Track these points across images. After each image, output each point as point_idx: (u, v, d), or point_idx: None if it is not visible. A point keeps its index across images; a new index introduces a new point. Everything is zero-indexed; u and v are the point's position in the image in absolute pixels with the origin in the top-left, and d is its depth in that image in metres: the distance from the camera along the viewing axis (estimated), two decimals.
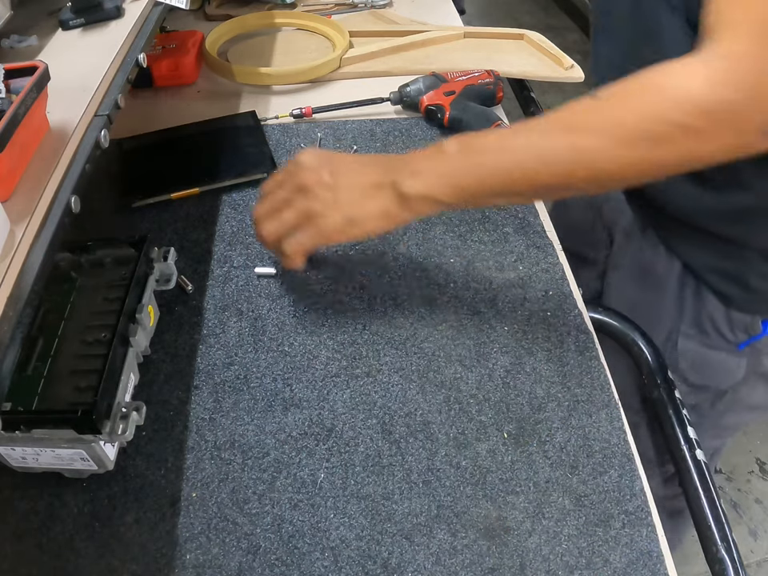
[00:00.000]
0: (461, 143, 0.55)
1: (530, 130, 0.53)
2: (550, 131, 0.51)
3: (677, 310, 0.76)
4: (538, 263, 0.73)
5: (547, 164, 0.50)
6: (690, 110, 0.44)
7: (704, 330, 0.74)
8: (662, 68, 0.47)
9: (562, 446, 0.58)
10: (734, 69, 0.43)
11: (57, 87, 0.53)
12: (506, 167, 0.52)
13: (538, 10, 2.93)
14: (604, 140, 0.48)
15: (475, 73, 0.91)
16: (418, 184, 0.54)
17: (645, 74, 0.48)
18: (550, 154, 0.50)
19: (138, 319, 0.58)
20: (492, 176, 0.53)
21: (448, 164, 0.55)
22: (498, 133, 0.56)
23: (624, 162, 0.48)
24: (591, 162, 0.49)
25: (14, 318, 0.41)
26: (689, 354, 0.77)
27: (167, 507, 0.54)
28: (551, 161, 0.50)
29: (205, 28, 1.05)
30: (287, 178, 0.61)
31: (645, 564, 0.52)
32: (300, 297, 0.69)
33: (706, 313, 0.73)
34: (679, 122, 0.45)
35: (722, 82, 0.43)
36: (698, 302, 0.74)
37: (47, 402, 0.52)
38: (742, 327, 0.72)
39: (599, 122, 0.49)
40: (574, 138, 0.49)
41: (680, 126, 0.45)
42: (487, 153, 0.53)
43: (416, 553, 0.52)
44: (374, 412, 0.60)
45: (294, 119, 0.89)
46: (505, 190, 0.53)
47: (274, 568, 0.51)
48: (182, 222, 0.77)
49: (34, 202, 0.48)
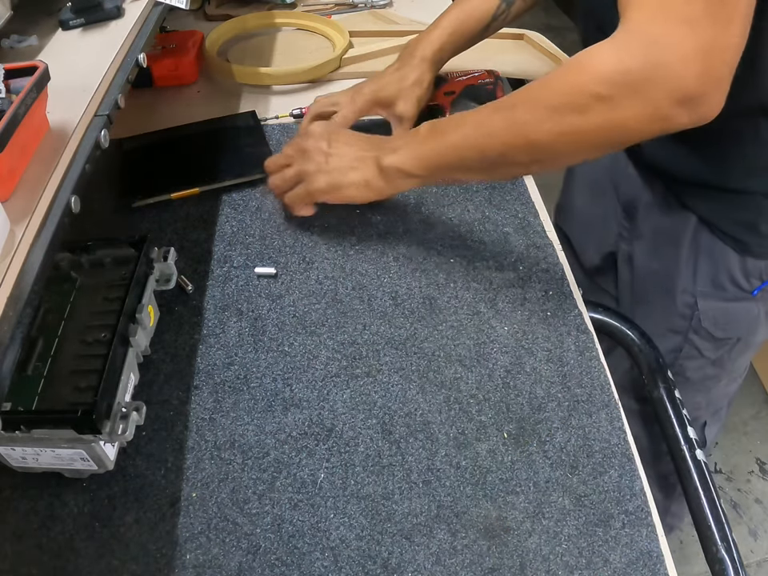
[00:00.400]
0: (431, 125, 0.64)
1: (482, 109, 0.60)
2: (497, 109, 0.58)
3: (691, 273, 0.80)
4: (538, 263, 0.73)
5: (491, 137, 0.57)
6: (600, 80, 0.50)
7: (720, 284, 0.79)
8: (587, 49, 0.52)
9: (562, 446, 0.58)
10: (631, 39, 0.49)
11: (57, 87, 0.53)
12: (459, 143, 0.60)
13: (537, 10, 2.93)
14: (535, 112, 0.54)
15: (475, 73, 0.91)
16: (394, 158, 0.64)
17: (575, 56, 0.53)
18: (492, 128, 0.57)
19: (137, 319, 0.58)
20: (449, 152, 0.61)
21: (419, 143, 0.63)
22: (459, 114, 0.63)
23: (554, 131, 0.53)
24: (526, 133, 0.55)
25: (14, 317, 0.41)
26: (710, 311, 0.81)
27: (167, 507, 0.54)
28: (493, 134, 0.57)
29: (205, 28, 1.05)
30: (297, 141, 0.73)
31: (645, 564, 0.52)
32: (300, 297, 0.69)
33: (723, 265, 0.77)
34: (593, 91, 0.50)
35: (623, 53, 0.49)
36: (712, 258, 0.78)
37: (47, 402, 0.52)
38: (757, 274, 0.77)
39: (533, 97, 0.55)
40: (512, 113, 0.56)
41: (594, 95, 0.50)
42: (447, 132, 0.61)
43: (416, 553, 0.52)
44: (374, 412, 0.60)
45: (294, 119, 0.89)
46: (461, 164, 0.61)
47: (274, 568, 0.51)
48: (182, 222, 0.77)
49: (34, 202, 0.48)
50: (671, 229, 0.81)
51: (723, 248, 0.77)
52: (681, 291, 0.82)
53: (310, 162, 0.70)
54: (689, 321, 0.83)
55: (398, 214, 0.78)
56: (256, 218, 0.77)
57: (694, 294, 0.81)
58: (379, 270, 0.71)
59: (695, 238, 0.79)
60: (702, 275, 0.80)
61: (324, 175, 0.69)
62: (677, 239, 0.80)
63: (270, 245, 0.74)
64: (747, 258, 0.76)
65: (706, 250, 0.78)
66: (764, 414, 1.74)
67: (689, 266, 0.80)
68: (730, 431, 1.69)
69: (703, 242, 0.78)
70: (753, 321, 0.82)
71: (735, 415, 1.72)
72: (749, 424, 1.72)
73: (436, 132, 0.63)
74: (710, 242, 0.78)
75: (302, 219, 0.76)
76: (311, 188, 0.70)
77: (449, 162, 0.62)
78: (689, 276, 0.81)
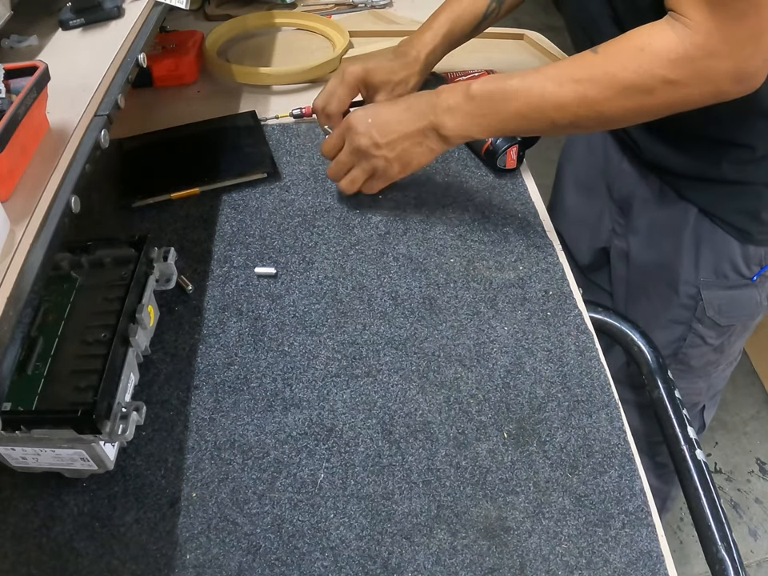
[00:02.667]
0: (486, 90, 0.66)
1: (545, 80, 0.63)
2: (562, 82, 0.62)
3: (693, 264, 0.81)
4: (538, 263, 0.73)
5: (560, 109, 0.63)
6: (667, 67, 0.57)
7: (722, 273, 0.80)
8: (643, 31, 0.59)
9: (562, 446, 0.58)
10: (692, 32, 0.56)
11: (57, 87, 0.53)
12: (526, 112, 0.65)
13: (538, 10, 2.92)
14: (606, 91, 0.60)
15: (475, 73, 0.91)
16: (455, 127, 0.67)
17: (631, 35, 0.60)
18: (562, 101, 0.62)
19: (138, 319, 0.58)
20: (515, 119, 0.66)
21: (477, 108, 0.66)
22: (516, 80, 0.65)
23: (623, 108, 0.61)
24: (597, 109, 0.61)
25: (14, 317, 0.41)
26: (714, 300, 0.82)
27: (167, 507, 0.54)
28: (564, 106, 0.62)
29: (205, 28, 1.05)
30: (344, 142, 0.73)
31: (645, 564, 0.52)
32: (300, 297, 0.69)
33: (725, 254, 0.79)
34: (661, 76, 0.58)
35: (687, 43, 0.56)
36: (714, 247, 0.79)
37: (47, 402, 0.52)
38: (757, 260, 0.79)
39: (600, 76, 0.60)
40: (581, 88, 0.61)
41: (662, 79, 0.58)
42: (509, 100, 0.65)
43: (416, 553, 0.52)
44: (374, 412, 0.60)
45: (294, 119, 0.89)
46: (527, 127, 0.67)
47: (274, 568, 0.51)
48: (182, 222, 0.77)
49: (34, 202, 0.48)
50: (670, 222, 0.82)
51: (725, 237, 0.78)
52: (683, 282, 0.83)
53: (374, 160, 0.72)
54: (692, 311, 0.84)
55: (398, 213, 0.78)
56: (256, 217, 0.77)
57: (696, 284, 0.82)
58: (379, 270, 0.71)
59: (696, 230, 0.79)
60: (704, 265, 0.81)
61: (394, 163, 0.72)
62: (676, 231, 0.81)
63: (269, 245, 0.74)
64: (748, 246, 0.78)
65: (708, 240, 0.79)
66: (764, 413, 1.74)
67: (690, 256, 0.81)
68: (730, 431, 1.69)
69: (704, 232, 0.79)
70: (755, 306, 0.84)
71: (735, 415, 1.72)
72: (749, 424, 1.72)
73: (494, 98, 0.65)
74: (711, 232, 0.78)
75: (302, 219, 0.77)
76: (389, 176, 0.73)
77: (514, 127, 0.67)
78: (691, 267, 0.81)
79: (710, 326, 0.85)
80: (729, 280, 0.81)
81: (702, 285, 0.82)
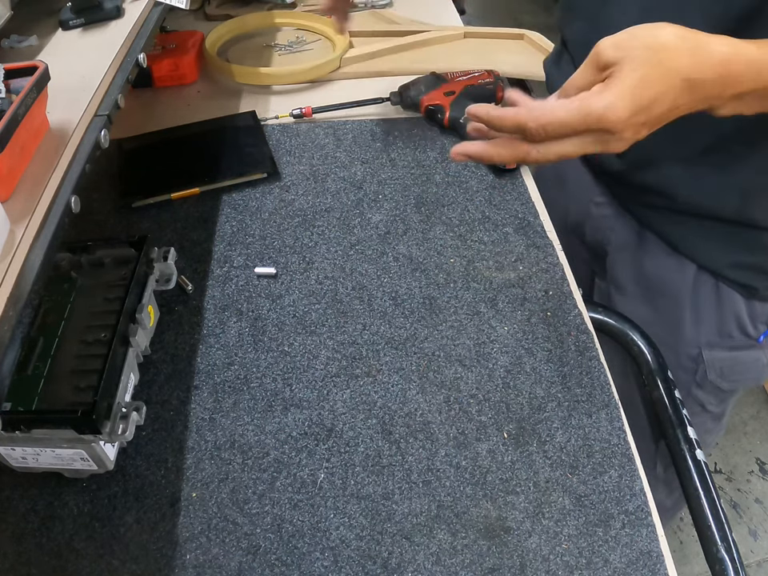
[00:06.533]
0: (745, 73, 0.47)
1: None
2: None
3: (694, 323, 0.75)
4: (538, 263, 0.73)
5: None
6: None
7: (727, 332, 0.74)
8: None
9: (561, 446, 0.58)
10: None
11: (57, 87, 0.53)
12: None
13: (538, 9, 2.93)
14: None
15: (475, 73, 0.91)
16: (735, 107, 0.48)
17: None
18: None
19: (137, 319, 0.58)
20: None
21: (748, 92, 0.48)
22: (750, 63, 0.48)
23: None
24: None
25: (14, 317, 0.41)
26: (716, 362, 0.76)
27: (167, 507, 0.54)
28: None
29: (205, 28, 1.05)
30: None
31: (645, 564, 0.52)
32: (300, 297, 0.69)
33: (730, 311, 0.72)
34: None
35: None
36: (717, 305, 0.72)
37: (47, 402, 0.52)
38: (764, 318, 0.73)
39: None
40: None
41: None
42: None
43: (416, 553, 0.52)
44: (374, 412, 0.60)
45: (294, 119, 0.89)
46: None
47: (274, 568, 0.51)
48: (182, 222, 0.77)
49: (34, 202, 0.48)
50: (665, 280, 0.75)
51: (729, 292, 0.71)
52: (684, 344, 0.75)
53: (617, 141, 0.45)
54: (692, 375, 0.77)
55: (397, 213, 0.78)
56: (256, 218, 0.77)
57: (698, 344, 0.75)
58: (379, 270, 0.71)
59: (696, 288, 0.72)
60: (706, 324, 0.74)
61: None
62: (673, 290, 0.74)
63: (270, 245, 0.74)
64: (754, 302, 0.72)
65: (710, 297, 0.72)
66: (764, 413, 1.74)
67: (692, 316, 0.74)
68: (730, 431, 1.69)
69: (706, 290, 0.72)
70: (761, 370, 0.77)
71: (735, 415, 1.72)
72: (749, 424, 1.72)
73: None
74: (713, 289, 0.72)
75: (302, 219, 0.77)
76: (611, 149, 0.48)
77: None
78: (692, 327, 0.74)
79: (711, 392, 0.77)
80: (733, 339, 0.74)
81: (705, 345, 0.74)
